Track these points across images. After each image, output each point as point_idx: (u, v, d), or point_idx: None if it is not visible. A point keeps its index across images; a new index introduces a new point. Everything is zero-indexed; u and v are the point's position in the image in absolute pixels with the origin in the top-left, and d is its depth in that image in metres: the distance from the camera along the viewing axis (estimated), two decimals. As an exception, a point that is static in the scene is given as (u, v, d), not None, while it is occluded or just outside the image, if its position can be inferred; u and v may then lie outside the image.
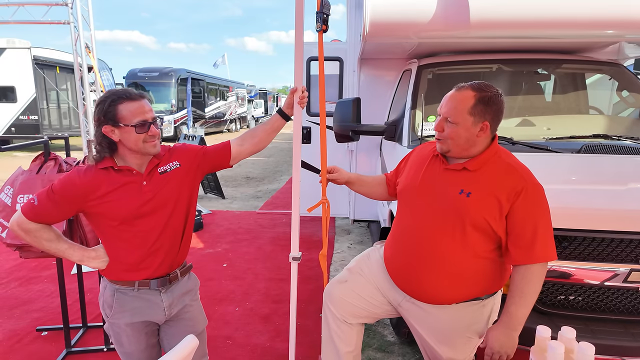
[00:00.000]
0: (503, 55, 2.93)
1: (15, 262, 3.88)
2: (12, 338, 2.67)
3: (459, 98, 1.42)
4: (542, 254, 1.36)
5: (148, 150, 1.41)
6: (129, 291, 1.48)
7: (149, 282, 1.48)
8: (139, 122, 1.35)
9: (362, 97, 3.23)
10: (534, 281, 1.37)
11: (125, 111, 1.35)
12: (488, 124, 1.41)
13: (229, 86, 23.04)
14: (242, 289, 3.42)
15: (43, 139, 2.34)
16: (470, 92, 1.41)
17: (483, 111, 1.40)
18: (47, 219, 1.41)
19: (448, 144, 1.45)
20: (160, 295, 1.51)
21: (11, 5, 5.96)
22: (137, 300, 1.49)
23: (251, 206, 6.38)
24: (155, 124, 1.41)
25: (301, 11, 1.58)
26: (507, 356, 1.41)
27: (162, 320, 1.55)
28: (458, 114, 1.41)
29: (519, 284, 1.38)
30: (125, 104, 1.36)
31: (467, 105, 1.40)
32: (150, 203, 1.43)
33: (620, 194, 1.93)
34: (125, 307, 1.49)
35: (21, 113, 12.31)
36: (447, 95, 1.48)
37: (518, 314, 1.37)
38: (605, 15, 2.44)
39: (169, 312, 1.54)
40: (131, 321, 1.49)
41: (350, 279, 1.76)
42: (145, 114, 1.38)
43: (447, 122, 1.43)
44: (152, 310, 1.51)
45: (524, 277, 1.37)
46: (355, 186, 1.89)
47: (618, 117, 2.99)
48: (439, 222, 1.45)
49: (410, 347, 2.60)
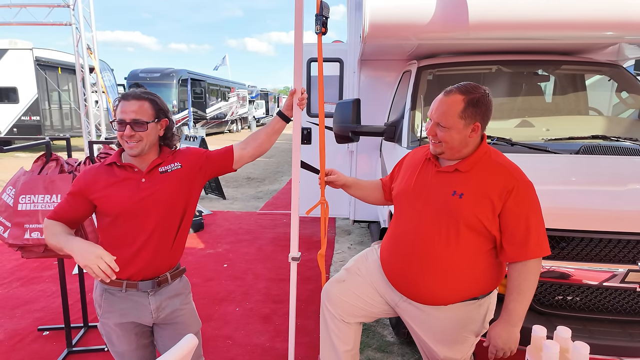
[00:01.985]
0: (502, 57, 2.93)
1: (17, 262, 3.90)
2: (14, 337, 2.69)
3: (449, 102, 1.44)
4: (536, 250, 1.39)
5: (126, 149, 1.46)
6: (116, 292, 1.49)
7: (136, 284, 1.48)
8: (118, 119, 1.43)
9: (362, 98, 3.25)
10: (530, 277, 1.40)
11: (118, 109, 1.46)
12: (479, 125, 1.44)
13: (230, 87, 23.08)
14: (243, 289, 3.44)
15: (45, 140, 2.35)
16: (459, 95, 1.43)
17: (473, 113, 1.42)
18: (63, 215, 1.49)
19: (442, 146, 1.47)
20: (148, 297, 1.51)
21: (13, 7, 6.00)
22: (125, 302, 1.50)
23: (252, 207, 6.39)
24: (136, 126, 1.41)
25: (300, 13, 1.59)
26: (510, 352, 1.43)
27: (150, 322, 1.55)
28: (449, 119, 1.43)
29: (515, 280, 1.41)
30: (121, 103, 1.46)
31: (457, 109, 1.42)
32: (146, 199, 1.45)
33: (619, 195, 1.94)
34: (114, 307, 1.50)
35: (23, 114, 12.36)
36: (436, 100, 1.49)
37: (517, 310, 1.40)
38: (604, 17, 2.44)
39: (157, 315, 1.54)
40: (120, 321, 1.50)
41: (348, 279, 1.77)
42: (125, 114, 1.42)
43: (439, 126, 1.45)
44: (140, 312, 1.51)
45: (520, 274, 1.40)
46: (352, 190, 1.90)
47: (617, 118, 2.99)
48: (433, 224, 1.47)
49: (410, 347, 2.60)
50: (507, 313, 1.42)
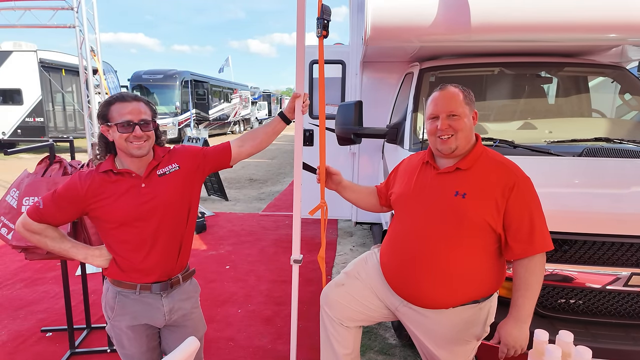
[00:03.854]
0: (505, 59, 2.92)
1: (20, 264, 3.92)
2: (17, 339, 2.70)
3: (451, 93, 1.51)
4: (542, 245, 1.40)
5: (131, 151, 1.42)
6: (130, 294, 1.50)
7: (150, 286, 1.50)
8: (123, 121, 1.40)
9: (364, 99, 3.25)
10: (537, 272, 1.41)
11: (114, 112, 1.42)
12: (476, 112, 1.53)
13: (232, 88, 23.13)
14: (245, 291, 3.44)
15: (48, 142, 2.36)
16: (453, 87, 1.52)
17: (470, 101, 1.52)
18: (51, 221, 1.46)
19: (458, 138, 1.47)
20: (161, 299, 1.53)
21: (18, 10, 6.04)
22: (138, 304, 1.51)
23: (254, 208, 6.40)
24: (144, 126, 1.42)
25: (302, 18, 1.60)
26: (521, 350, 1.42)
27: (162, 324, 1.56)
28: (459, 106, 1.48)
29: (523, 276, 1.41)
30: (116, 105, 1.42)
31: (459, 97, 1.49)
32: (148, 205, 1.45)
33: (622, 198, 1.93)
34: (127, 309, 1.51)
35: (27, 115, 12.46)
36: (437, 96, 1.53)
37: (526, 306, 1.40)
38: (607, 19, 2.43)
39: (169, 317, 1.55)
40: (132, 324, 1.51)
41: (347, 283, 1.77)
42: (132, 115, 1.41)
43: (452, 117, 1.47)
44: (153, 314, 1.53)
45: (527, 269, 1.41)
46: (347, 192, 1.90)
47: (620, 120, 2.98)
48: (436, 226, 1.47)
49: (412, 350, 2.60)
50: (516, 310, 1.41)
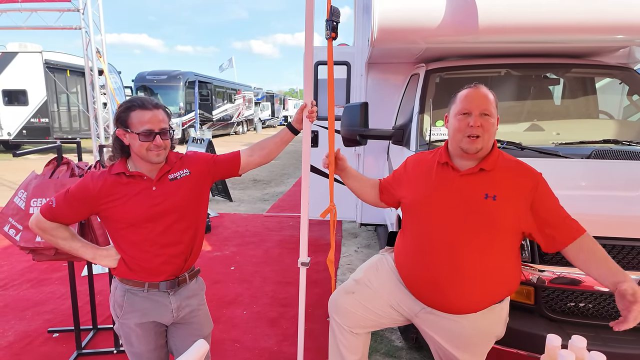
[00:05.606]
0: (512, 60, 2.91)
1: (27, 264, 3.94)
2: (24, 339, 2.71)
3: (485, 92, 1.48)
4: (580, 226, 1.41)
5: (151, 158, 1.45)
6: (139, 292, 1.53)
7: (158, 284, 1.53)
8: (144, 130, 1.40)
9: (370, 101, 3.24)
10: (597, 245, 1.38)
11: (135, 119, 1.42)
12: (498, 118, 1.50)
13: (236, 89, 23.19)
14: (250, 292, 3.44)
15: (56, 144, 2.37)
16: (485, 89, 1.49)
17: (497, 105, 1.50)
18: (63, 220, 1.50)
19: (484, 138, 1.45)
20: (168, 297, 1.56)
21: (24, 12, 6.07)
22: (147, 301, 1.54)
23: (258, 209, 6.40)
24: (164, 135, 1.44)
25: (311, 22, 1.59)
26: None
27: (169, 321, 1.59)
28: (491, 107, 1.47)
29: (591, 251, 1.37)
30: (136, 112, 1.42)
31: (491, 98, 1.48)
32: (158, 208, 1.47)
33: (632, 200, 1.91)
34: (135, 307, 1.53)
35: (32, 116, 12.53)
36: (470, 93, 1.49)
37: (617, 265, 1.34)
38: (615, 20, 2.42)
39: (177, 314, 1.58)
40: (140, 321, 1.54)
41: (358, 291, 1.72)
42: (153, 124, 1.42)
43: (484, 116, 1.45)
44: (161, 311, 1.56)
45: (589, 246, 1.37)
46: (350, 180, 1.84)
47: (628, 122, 2.96)
48: (465, 230, 1.44)
49: (418, 352, 2.59)
50: (618, 271, 1.31)
